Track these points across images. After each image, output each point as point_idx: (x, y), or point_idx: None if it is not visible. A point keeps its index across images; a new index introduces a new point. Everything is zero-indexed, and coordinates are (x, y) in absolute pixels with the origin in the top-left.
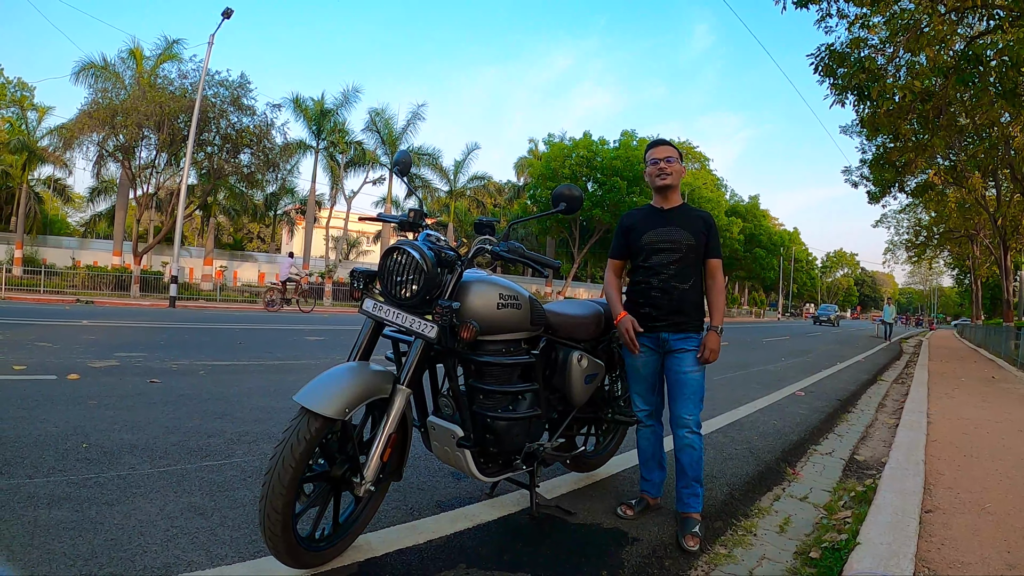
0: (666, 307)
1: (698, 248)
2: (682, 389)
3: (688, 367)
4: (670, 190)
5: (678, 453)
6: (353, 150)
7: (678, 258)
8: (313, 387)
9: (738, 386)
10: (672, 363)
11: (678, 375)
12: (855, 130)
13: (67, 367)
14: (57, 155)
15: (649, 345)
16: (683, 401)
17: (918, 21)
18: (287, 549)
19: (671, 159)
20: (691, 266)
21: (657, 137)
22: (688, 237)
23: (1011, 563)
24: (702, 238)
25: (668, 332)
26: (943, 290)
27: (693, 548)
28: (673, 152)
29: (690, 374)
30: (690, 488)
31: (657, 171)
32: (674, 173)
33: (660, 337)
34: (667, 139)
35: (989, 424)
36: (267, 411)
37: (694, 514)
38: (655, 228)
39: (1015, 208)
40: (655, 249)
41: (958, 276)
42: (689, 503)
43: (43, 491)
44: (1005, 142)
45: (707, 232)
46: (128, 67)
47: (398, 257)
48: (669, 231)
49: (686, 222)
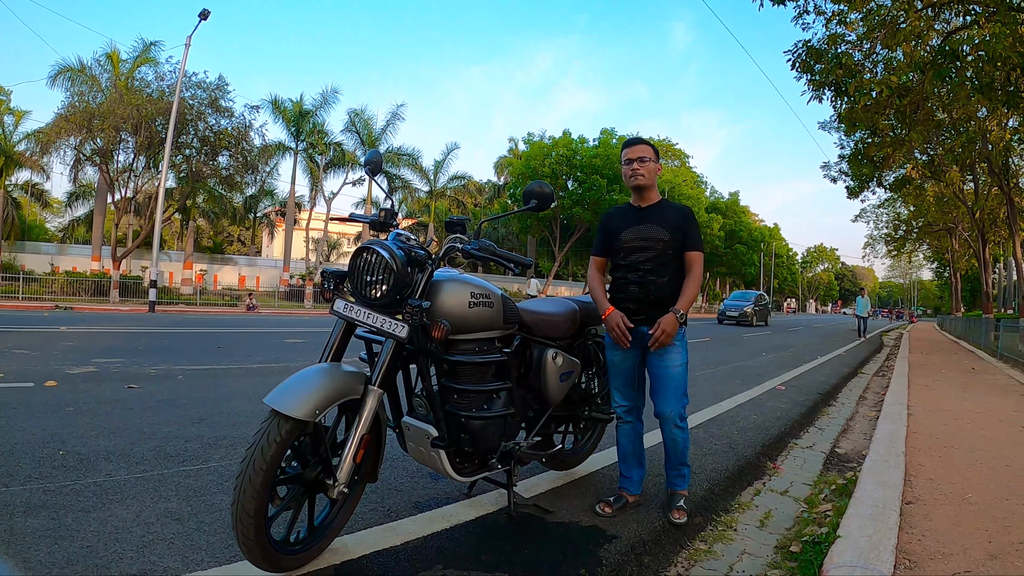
0: (644, 301)
1: (674, 243)
2: (665, 384)
3: (669, 361)
4: (645, 189)
5: (665, 442)
6: (332, 151)
7: (653, 255)
8: (283, 389)
9: (718, 381)
10: (653, 358)
11: (660, 370)
12: (833, 126)
13: (45, 374)
14: (34, 160)
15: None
16: (667, 396)
17: (895, 17)
18: (261, 553)
19: (644, 159)
20: (668, 262)
21: (634, 135)
22: (663, 233)
23: (992, 553)
24: (679, 233)
25: (647, 326)
26: (923, 283)
27: (680, 521)
28: (647, 151)
29: (672, 368)
30: (677, 470)
31: (631, 171)
32: (647, 173)
33: (640, 331)
34: (642, 138)
35: (970, 415)
36: (245, 415)
37: (681, 491)
38: (632, 226)
39: (993, 201)
40: (632, 248)
41: (937, 269)
42: (676, 483)
43: (19, 499)
44: (982, 136)
45: (685, 226)
46: (105, 70)
47: (368, 257)
48: (645, 228)
49: (662, 219)
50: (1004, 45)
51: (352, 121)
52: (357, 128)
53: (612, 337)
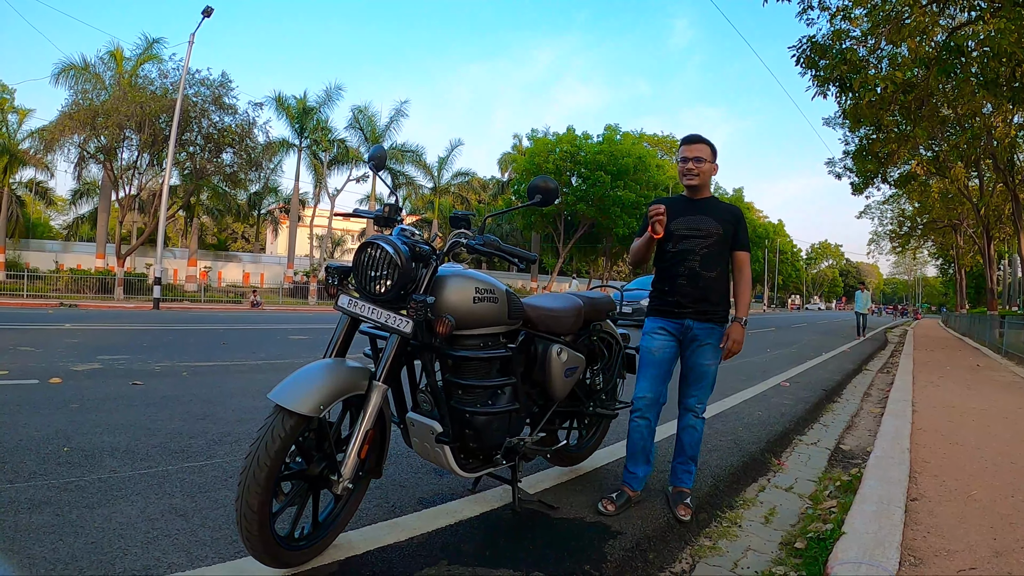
0: (692, 294)
1: (726, 238)
2: (699, 380)
3: (709, 359)
4: (699, 188)
5: (680, 432)
6: (336, 148)
7: (706, 245)
8: (287, 385)
9: (723, 377)
10: (693, 354)
11: (697, 366)
12: (838, 122)
13: (49, 371)
14: (38, 158)
15: (670, 330)
16: (697, 389)
17: (900, 13)
18: (265, 548)
19: (701, 159)
20: (718, 255)
21: (691, 133)
22: (717, 226)
23: (997, 550)
24: (731, 229)
25: (693, 319)
26: (927, 280)
27: (686, 518)
28: (705, 151)
29: (710, 366)
30: (686, 465)
31: (685, 170)
32: (702, 174)
33: (684, 324)
34: (702, 136)
35: (974, 411)
36: (250, 411)
37: (686, 488)
38: (684, 215)
39: (998, 198)
40: (683, 235)
41: (942, 266)
42: (682, 479)
43: (24, 496)
44: (987, 132)
45: (736, 224)
46: (108, 68)
47: (372, 252)
48: (698, 219)
49: (716, 212)
50: (1009, 41)
51: (356, 118)
52: (361, 125)
53: (650, 217)
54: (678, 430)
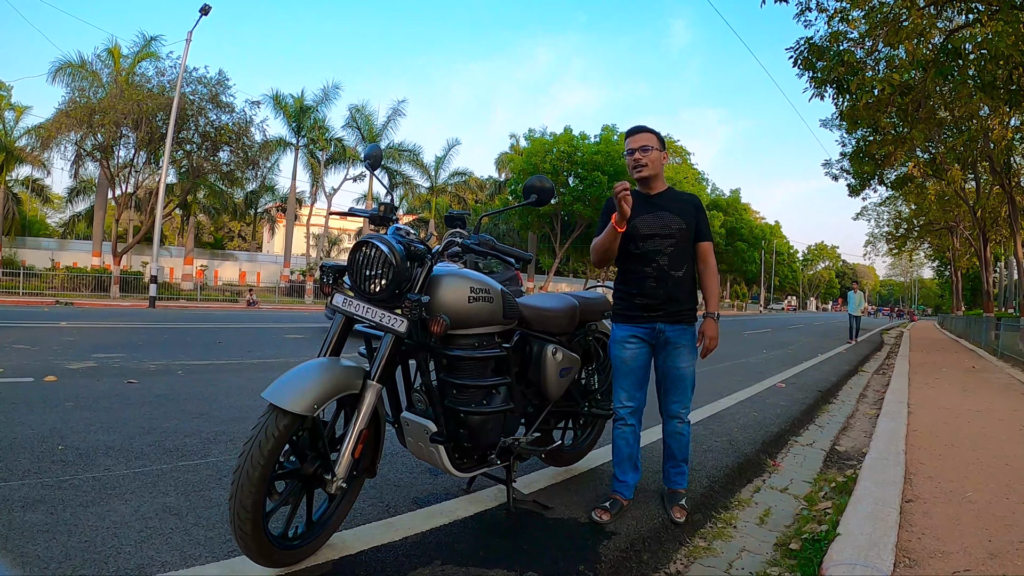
0: (661, 295)
1: (689, 232)
2: (677, 384)
3: (685, 362)
4: (651, 179)
5: (667, 439)
6: (333, 147)
7: (672, 244)
8: (281, 383)
9: (719, 379)
10: (667, 358)
11: (673, 370)
12: (835, 123)
13: (44, 369)
14: (35, 155)
15: (641, 336)
16: (677, 395)
17: (897, 15)
18: (259, 548)
19: (647, 148)
20: (684, 251)
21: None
22: (680, 221)
23: (992, 551)
24: (693, 222)
25: (664, 322)
26: (924, 282)
27: (681, 520)
28: (650, 139)
29: (684, 369)
30: (678, 468)
31: (633, 162)
32: (651, 163)
33: (656, 328)
34: (645, 125)
35: (970, 413)
36: (245, 410)
37: (681, 489)
38: (644, 214)
39: (994, 200)
40: (647, 234)
41: (938, 268)
42: (676, 480)
43: (17, 494)
44: (984, 135)
45: (697, 215)
46: (106, 65)
47: (367, 251)
48: (659, 216)
49: (676, 206)
50: (1006, 43)
51: (353, 117)
52: (358, 124)
53: (616, 195)
54: (665, 438)
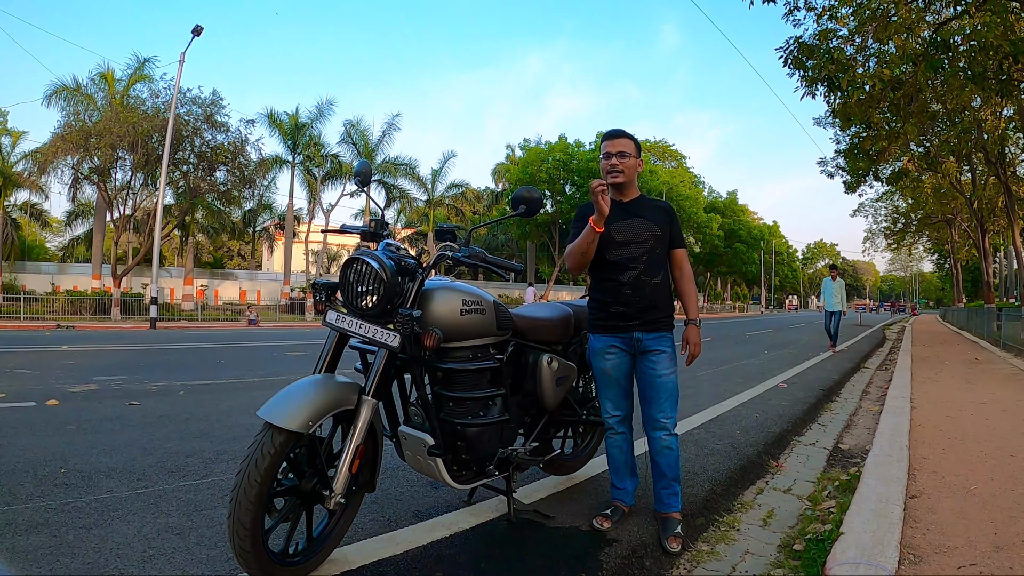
0: (637, 304)
1: (664, 239)
2: (658, 392)
3: (667, 368)
4: (624, 187)
5: (656, 456)
6: (329, 163)
7: (646, 251)
8: (276, 401)
9: (720, 381)
10: (646, 366)
11: (654, 379)
12: (828, 121)
13: (46, 393)
14: (32, 180)
15: (620, 346)
16: (659, 404)
17: (886, 10)
18: (259, 565)
19: (625, 154)
20: (659, 259)
21: (613, 128)
22: (655, 228)
23: (998, 544)
24: (667, 228)
25: (641, 331)
26: (924, 275)
27: (675, 550)
28: (628, 145)
29: (666, 377)
30: (669, 488)
31: (609, 167)
32: (627, 169)
33: (633, 337)
34: (623, 130)
35: (973, 406)
36: (246, 429)
37: (674, 514)
38: (618, 220)
39: (990, 191)
40: (622, 242)
41: (938, 261)
42: (669, 503)
43: (21, 518)
44: (977, 126)
45: (671, 222)
46: (100, 88)
47: (358, 267)
48: (634, 223)
49: (649, 213)
50: (996, 34)
51: (348, 132)
52: (353, 139)
53: (593, 191)
54: (652, 455)
